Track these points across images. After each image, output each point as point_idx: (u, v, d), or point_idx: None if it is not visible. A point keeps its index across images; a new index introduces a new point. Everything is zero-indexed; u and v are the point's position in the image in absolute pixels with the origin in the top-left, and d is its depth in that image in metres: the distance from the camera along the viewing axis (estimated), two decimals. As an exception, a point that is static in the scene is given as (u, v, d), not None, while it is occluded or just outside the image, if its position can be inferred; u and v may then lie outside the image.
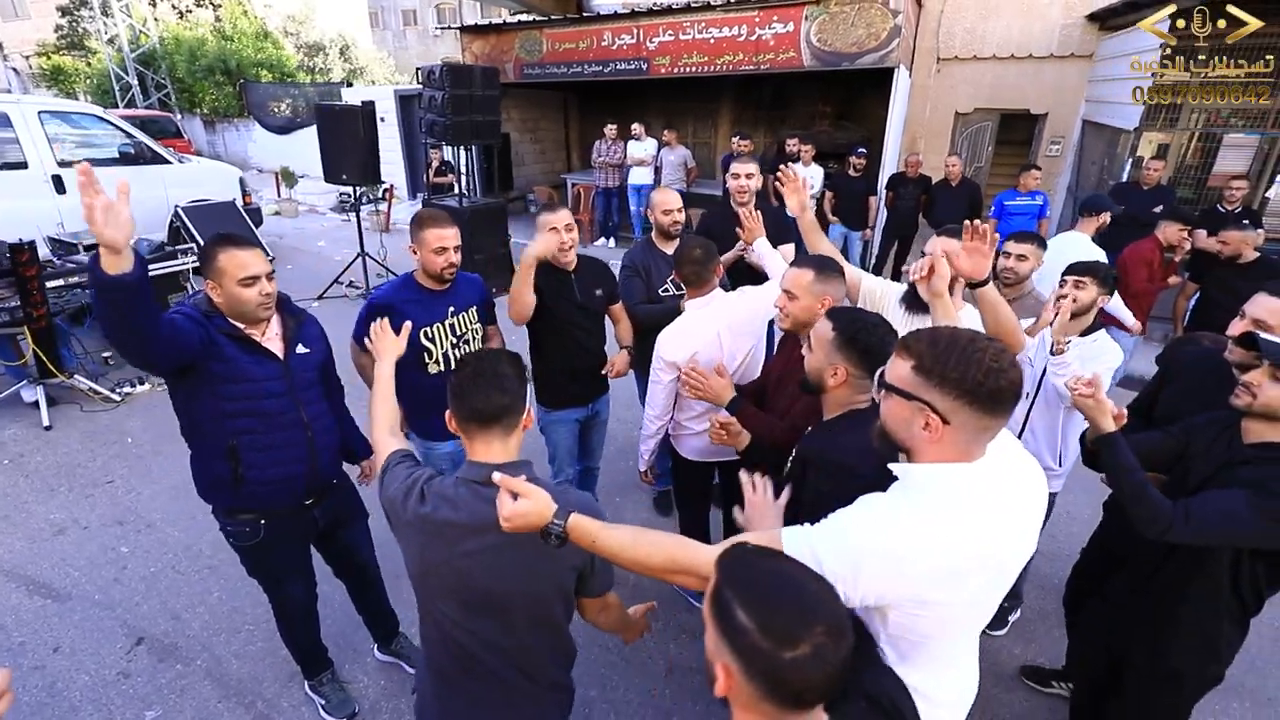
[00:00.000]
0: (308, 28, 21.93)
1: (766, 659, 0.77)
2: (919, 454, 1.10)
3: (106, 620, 2.76)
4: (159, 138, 9.35)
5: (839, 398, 1.59)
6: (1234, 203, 4.95)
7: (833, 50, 6.68)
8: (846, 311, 1.64)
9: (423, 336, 2.32)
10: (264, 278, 1.79)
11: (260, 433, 1.87)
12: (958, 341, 1.05)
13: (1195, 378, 1.97)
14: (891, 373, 1.12)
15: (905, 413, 1.09)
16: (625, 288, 2.90)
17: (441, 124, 6.24)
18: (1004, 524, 1.07)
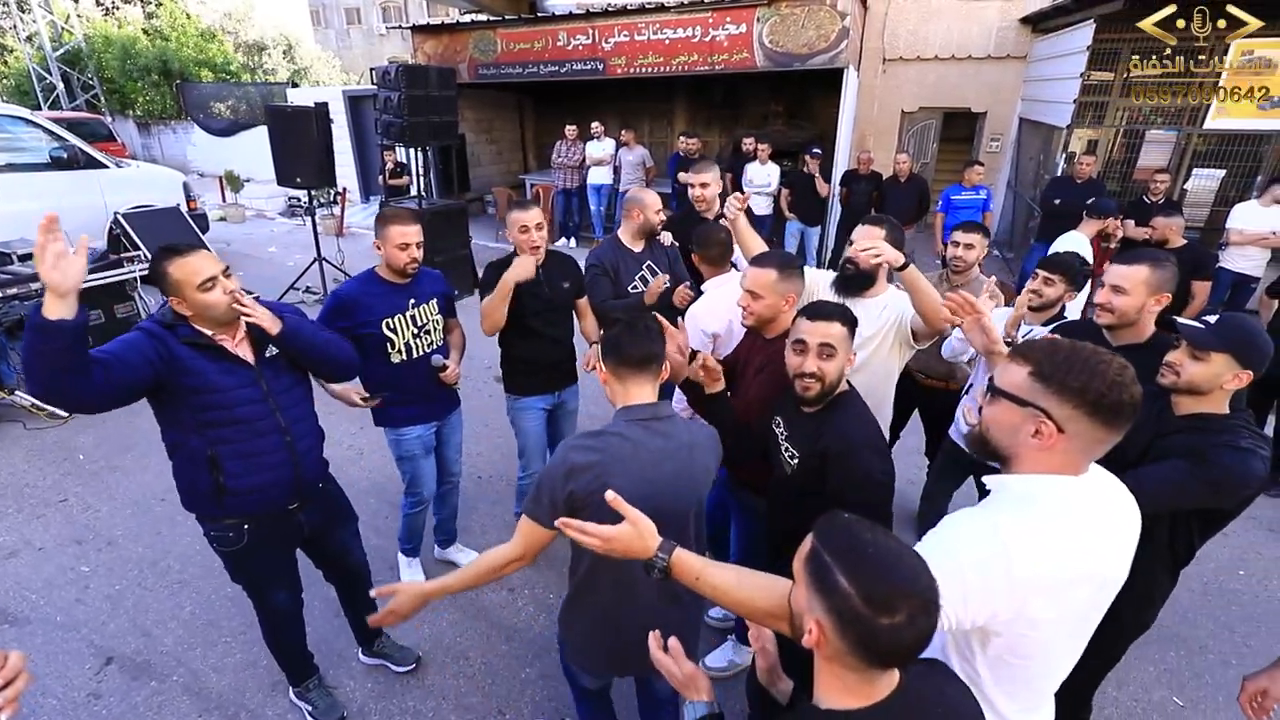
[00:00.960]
0: (246, 26, 21.13)
1: (864, 623, 0.82)
2: (1022, 462, 1.09)
3: (71, 641, 2.66)
4: (90, 141, 8.89)
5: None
6: (1158, 195, 5.31)
7: (784, 51, 6.87)
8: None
9: (385, 327, 2.43)
10: (220, 276, 1.77)
11: (239, 441, 1.85)
12: (1080, 352, 1.04)
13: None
14: (1004, 378, 1.10)
15: (1015, 419, 1.08)
16: (592, 286, 2.95)
17: (398, 125, 6.16)
18: (1109, 540, 1.08)
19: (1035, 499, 1.06)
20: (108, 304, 4.98)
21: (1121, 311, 1.95)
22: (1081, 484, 1.07)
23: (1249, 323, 1.62)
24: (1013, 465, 1.10)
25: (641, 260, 3.05)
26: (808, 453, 1.71)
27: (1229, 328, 1.58)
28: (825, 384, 1.67)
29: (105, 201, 6.91)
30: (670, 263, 3.14)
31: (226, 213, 11.01)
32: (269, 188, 10.60)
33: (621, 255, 3.02)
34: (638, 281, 3.02)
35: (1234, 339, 1.56)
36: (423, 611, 2.81)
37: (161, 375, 1.70)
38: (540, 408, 2.90)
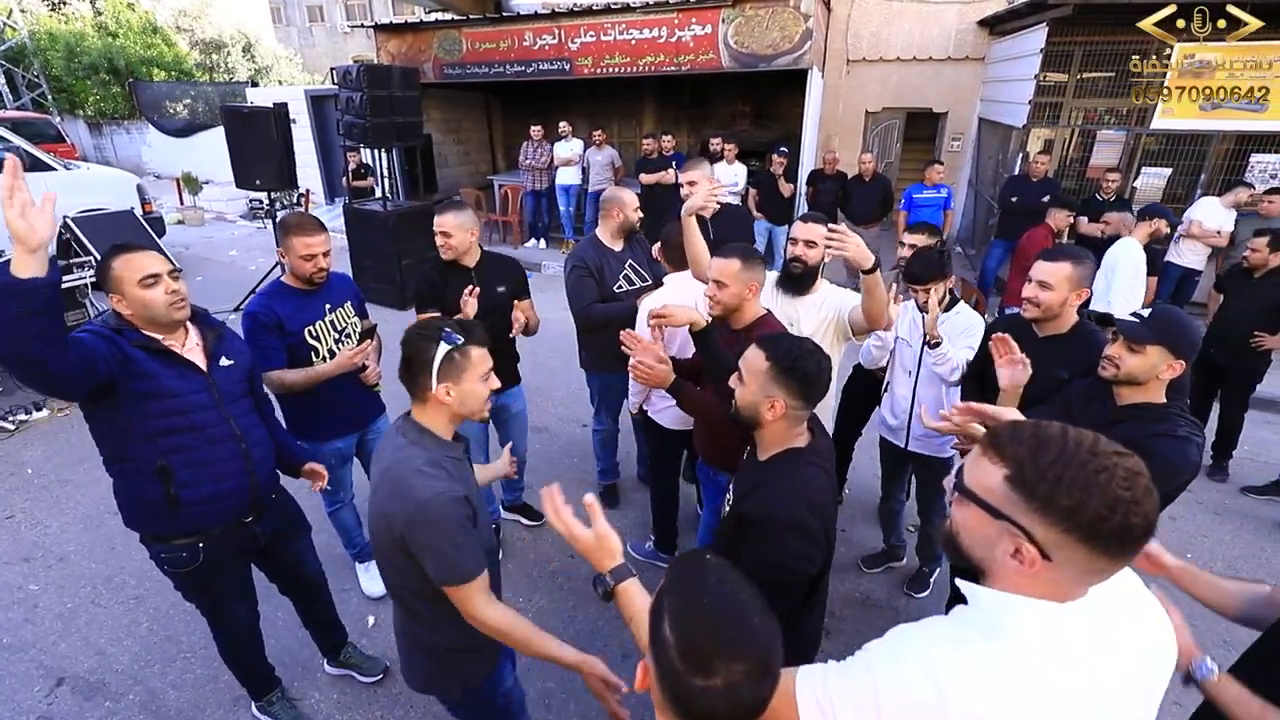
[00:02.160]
0: (203, 23, 20.52)
1: (678, 679, 0.75)
2: (997, 579, 0.87)
3: (18, 663, 2.56)
4: (37, 142, 8.58)
5: (775, 433, 1.50)
6: (1109, 193, 5.50)
7: (749, 52, 6.93)
8: (778, 339, 1.54)
9: (308, 336, 2.38)
10: (165, 275, 1.71)
11: (194, 449, 1.79)
12: (1075, 453, 0.79)
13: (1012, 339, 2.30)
14: (974, 475, 0.87)
15: (988, 530, 0.85)
16: (576, 288, 2.91)
17: (360, 126, 6.06)
18: (1109, 689, 0.83)
19: (1002, 630, 0.83)
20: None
21: (1047, 305, 2.07)
22: (1072, 615, 0.83)
23: (1179, 315, 1.72)
24: (990, 579, 0.89)
25: (624, 259, 3.03)
26: (737, 502, 1.55)
27: (1161, 321, 1.67)
28: (735, 405, 1.55)
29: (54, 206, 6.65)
30: (650, 262, 3.12)
31: (184, 216, 10.70)
32: (229, 190, 10.33)
33: (603, 255, 2.99)
34: (622, 281, 3.00)
35: (1166, 331, 1.65)
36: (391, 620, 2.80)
37: (114, 373, 1.62)
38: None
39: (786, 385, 1.43)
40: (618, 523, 3.40)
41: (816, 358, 1.46)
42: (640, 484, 3.72)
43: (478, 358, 1.45)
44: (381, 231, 6.57)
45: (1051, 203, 4.84)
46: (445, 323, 1.45)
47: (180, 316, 1.76)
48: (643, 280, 3.06)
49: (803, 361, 1.43)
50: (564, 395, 4.84)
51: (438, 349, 1.40)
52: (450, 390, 1.42)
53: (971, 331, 2.53)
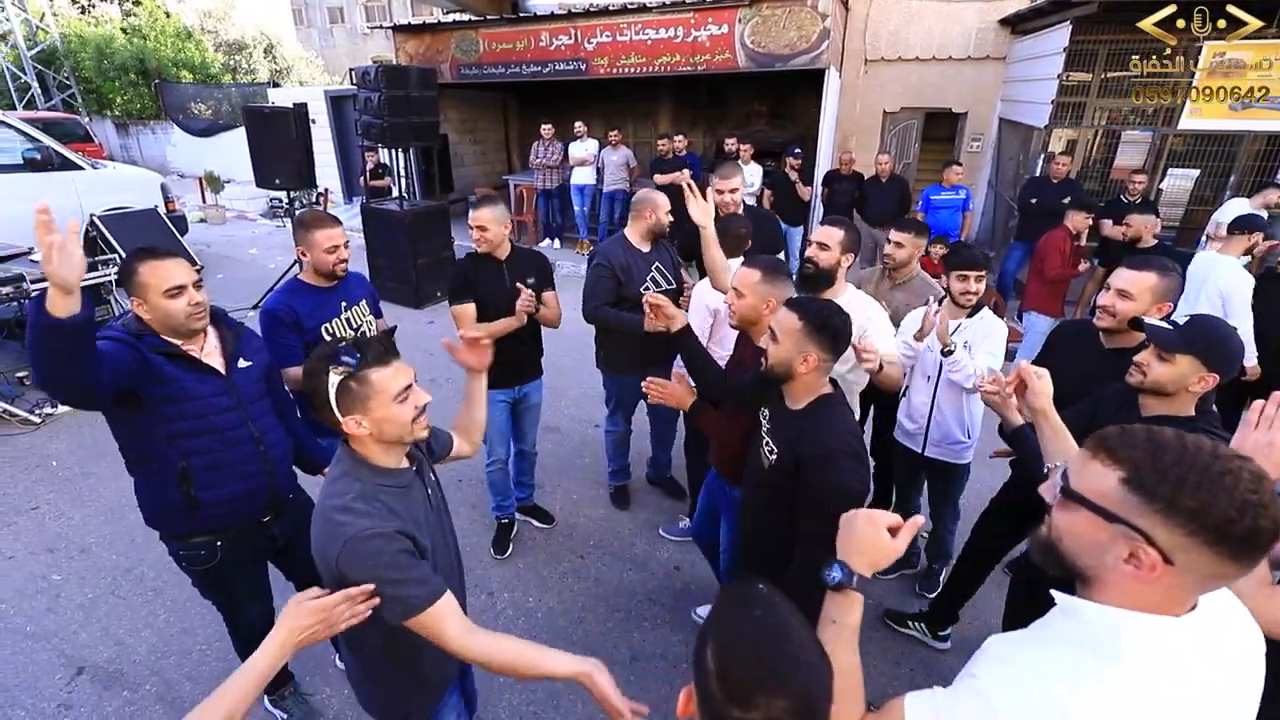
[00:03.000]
0: (226, 25, 20.86)
1: (717, 709, 0.74)
2: (1107, 589, 0.83)
3: (41, 652, 2.61)
4: (66, 142, 8.74)
5: (808, 384, 1.67)
6: (1135, 194, 5.40)
7: (766, 52, 6.90)
8: (807, 300, 1.71)
9: (324, 332, 2.41)
10: (190, 287, 1.73)
11: (214, 451, 1.81)
12: (1195, 455, 0.76)
13: (1071, 345, 2.24)
14: (1084, 480, 0.84)
15: (1100, 536, 0.81)
16: (593, 286, 2.90)
17: (378, 126, 6.12)
18: (1219, 706, 0.80)
19: (1118, 650, 0.78)
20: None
21: (1124, 315, 1.97)
22: (1186, 630, 0.80)
23: (1218, 325, 1.61)
24: (1093, 589, 0.85)
25: (650, 261, 3.00)
26: (785, 451, 1.69)
27: (1197, 330, 1.57)
28: (768, 363, 1.69)
29: (81, 203, 6.79)
30: (674, 266, 3.11)
31: (206, 214, 10.88)
32: (250, 189, 10.47)
33: (631, 255, 2.97)
34: (649, 283, 2.97)
35: (1200, 341, 1.54)
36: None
37: (136, 379, 1.66)
38: (501, 400, 2.94)
39: (819, 340, 1.59)
40: (629, 524, 3.42)
41: (842, 314, 1.64)
42: (649, 485, 3.72)
43: (381, 380, 1.26)
44: (398, 231, 6.63)
45: (1071, 204, 4.76)
46: (338, 346, 1.27)
47: (199, 326, 1.78)
48: (668, 283, 3.03)
49: (832, 319, 1.61)
50: (576, 395, 4.85)
51: (328, 379, 1.25)
52: (361, 421, 1.27)
53: (994, 338, 2.47)
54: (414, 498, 1.39)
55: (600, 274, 2.91)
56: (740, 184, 3.24)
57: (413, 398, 1.32)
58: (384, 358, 1.28)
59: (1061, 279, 4.57)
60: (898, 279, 2.94)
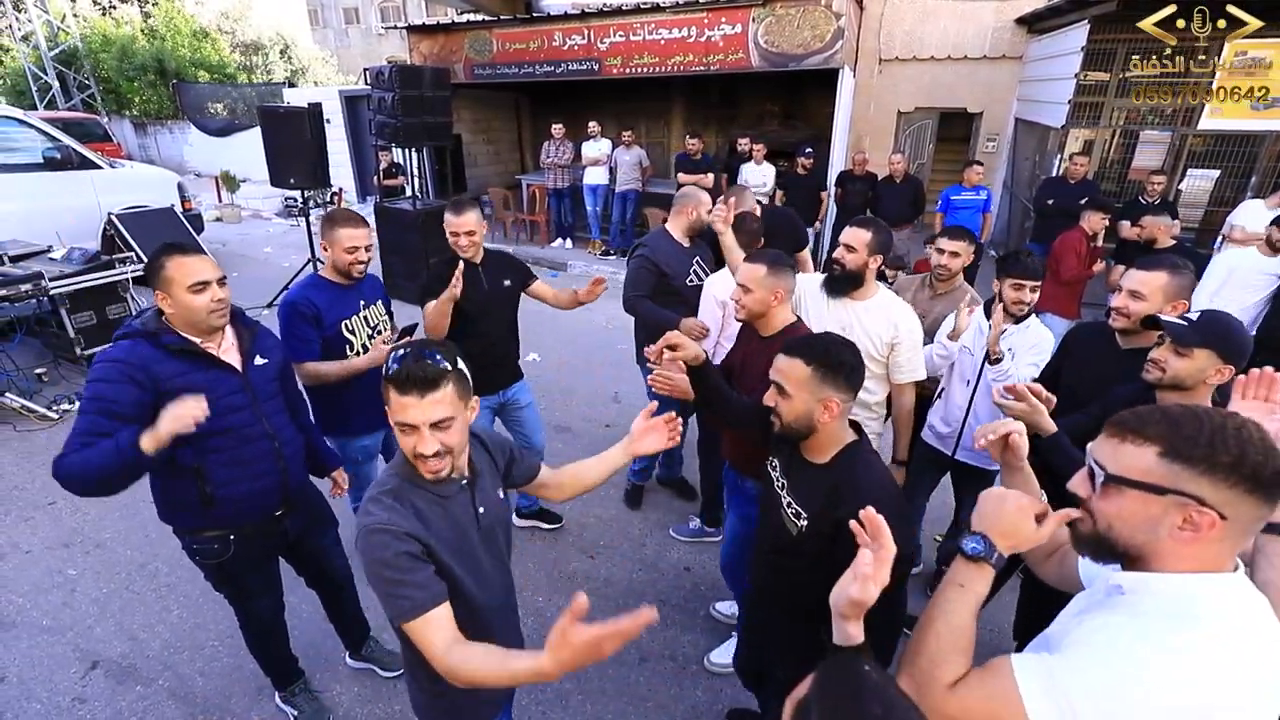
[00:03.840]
0: (243, 26, 21.09)
1: None
2: (1164, 559, 0.88)
3: (57, 646, 2.64)
4: (85, 142, 8.85)
5: (831, 433, 1.48)
6: (1153, 195, 5.31)
7: (780, 51, 6.86)
8: (803, 342, 1.52)
9: (344, 329, 2.43)
10: (215, 283, 1.75)
11: (228, 449, 1.82)
12: (1208, 418, 0.86)
13: (1088, 347, 2.22)
14: (1122, 463, 0.89)
15: (1152, 510, 0.87)
16: (634, 276, 2.97)
17: (392, 125, 6.14)
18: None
19: (1197, 613, 0.84)
20: (100, 304, 4.97)
21: (1138, 316, 1.97)
22: (1243, 585, 0.87)
23: (1228, 318, 1.65)
24: (1150, 563, 0.90)
25: (691, 256, 3.08)
26: (819, 517, 1.47)
27: (1210, 324, 1.62)
28: (782, 421, 1.51)
29: (99, 202, 6.88)
30: (716, 260, 3.10)
31: (222, 213, 11.00)
32: (265, 188, 10.58)
33: (672, 249, 3.05)
34: (692, 276, 3.05)
35: (1215, 334, 1.60)
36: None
37: (153, 407, 1.65)
38: (485, 407, 2.92)
39: (834, 383, 1.42)
40: (639, 525, 3.41)
41: (848, 345, 1.48)
42: (660, 485, 3.70)
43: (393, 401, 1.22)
44: (410, 230, 6.66)
45: (1087, 205, 4.69)
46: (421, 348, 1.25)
47: (220, 323, 1.80)
48: (705, 279, 3.09)
49: (841, 354, 1.44)
50: (587, 394, 4.85)
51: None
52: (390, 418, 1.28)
53: (1040, 348, 2.42)
54: (451, 511, 1.34)
55: (642, 264, 2.98)
56: (747, 202, 3.32)
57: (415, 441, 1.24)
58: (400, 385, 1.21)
59: (1078, 280, 4.51)
60: (942, 289, 2.84)
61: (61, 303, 4.76)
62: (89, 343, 4.86)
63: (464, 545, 1.35)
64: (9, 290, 4.39)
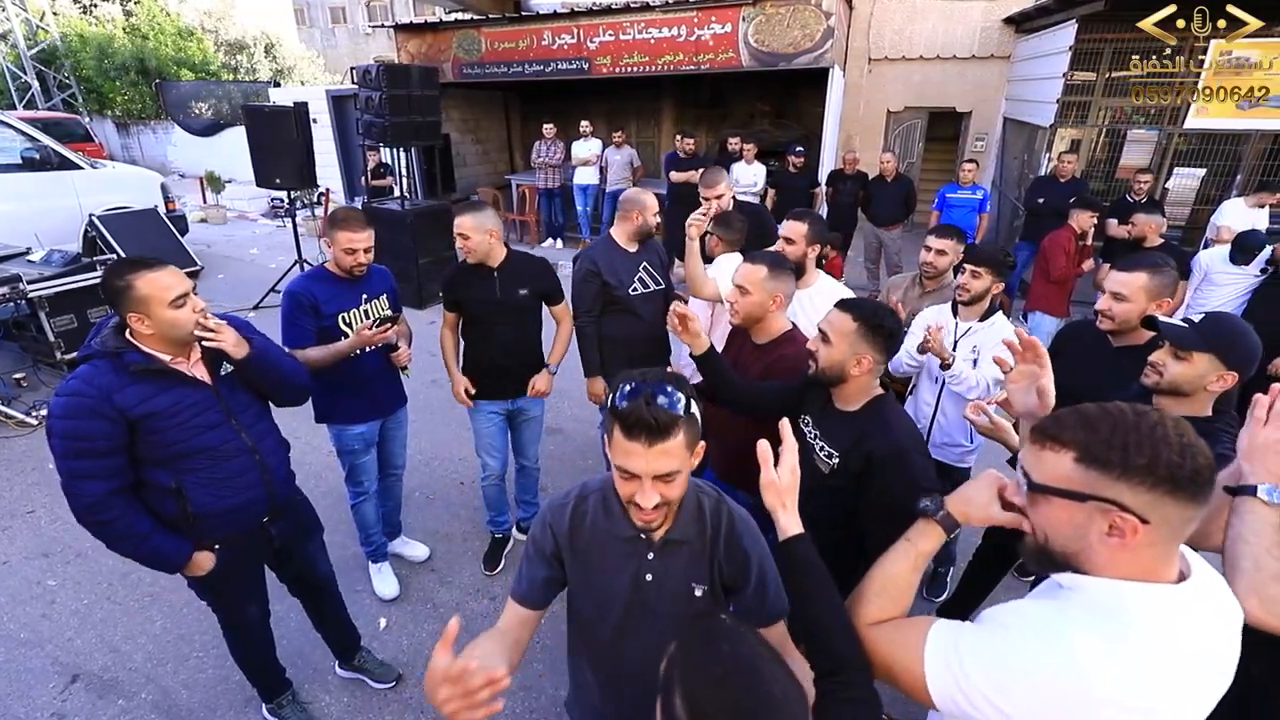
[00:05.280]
0: (227, 25, 20.83)
1: None
2: (1097, 567, 0.86)
3: (35, 659, 2.57)
4: (66, 141, 8.72)
5: (861, 385, 1.63)
6: (1140, 194, 5.35)
7: (770, 51, 6.85)
8: (859, 301, 1.67)
9: (341, 322, 2.43)
10: (191, 294, 1.66)
11: (206, 469, 1.75)
12: (1123, 420, 0.83)
13: (1078, 346, 2.21)
14: (1042, 471, 0.88)
15: (1076, 518, 0.85)
16: (580, 290, 2.85)
17: (379, 125, 6.07)
18: (1215, 667, 0.83)
19: (1126, 618, 0.81)
20: (81, 307, 4.86)
21: (1123, 317, 1.97)
22: (1182, 596, 0.83)
23: (1235, 321, 1.58)
24: (1087, 570, 0.88)
25: (638, 261, 2.93)
26: (849, 453, 1.62)
27: (1214, 326, 1.54)
28: (818, 365, 1.64)
29: (80, 203, 6.76)
30: (664, 267, 3.05)
31: (207, 214, 10.85)
32: (251, 189, 10.44)
33: (615, 256, 2.89)
34: (637, 284, 2.92)
35: (1218, 338, 1.51)
36: (405, 623, 2.78)
37: (128, 435, 1.62)
38: (492, 412, 2.85)
39: (873, 341, 1.57)
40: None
41: (893, 315, 1.61)
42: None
43: (617, 442, 1.08)
44: (399, 230, 6.58)
45: (1075, 203, 4.71)
46: (652, 380, 1.08)
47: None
48: (657, 284, 2.98)
49: (886, 319, 1.58)
50: (579, 396, 4.77)
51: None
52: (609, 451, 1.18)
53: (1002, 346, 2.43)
54: (614, 552, 1.28)
55: (587, 278, 2.83)
56: (726, 189, 3.29)
57: (635, 492, 1.11)
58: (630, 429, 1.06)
59: (1066, 279, 4.52)
60: (930, 287, 2.86)
61: (41, 306, 4.66)
62: (69, 346, 4.75)
63: (603, 591, 1.28)
64: (-13, 293, 4.29)
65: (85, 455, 1.58)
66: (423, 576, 3.01)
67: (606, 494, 1.26)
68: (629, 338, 2.94)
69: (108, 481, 1.63)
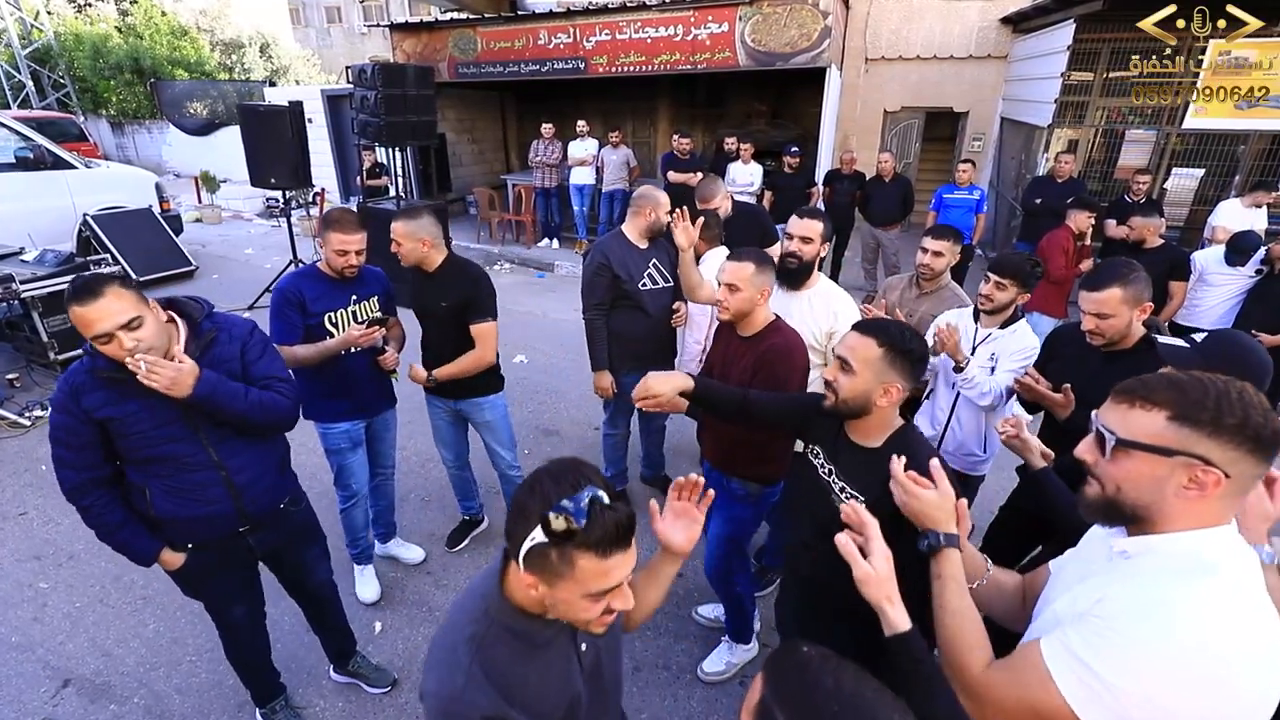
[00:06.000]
0: (223, 24, 20.75)
1: None
2: (1169, 519, 0.93)
3: (26, 663, 2.54)
4: (60, 141, 8.67)
5: (884, 417, 1.47)
6: (1139, 194, 5.34)
7: (767, 50, 6.84)
8: (881, 324, 1.48)
9: (327, 321, 2.43)
10: (119, 332, 1.52)
11: (167, 476, 1.74)
12: (1214, 385, 0.90)
13: (1070, 350, 2.21)
14: (1133, 428, 0.93)
15: (1159, 472, 0.91)
16: (590, 283, 2.94)
17: (375, 124, 6.04)
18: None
19: (1209, 563, 0.88)
20: (73, 309, 4.83)
21: (1112, 333, 1.95)
22: (1236, 533, 0.93)
23: (1239, 339, 1.52)
24: (1155, 524, 0.94)
25: (648, 258, 3.01)
26: (881, 499, 1.40)
27: (1216, 345, 1.49)
28: (838, 397, 1.47)
29: (74, 203, 6.73)
30: (673, 265, 3.05)
31: (202, 214, 10.80)
32: (246, 188, 10.41)
33: (627, 251, 2.97)
34: (646, 280, 2.99)
35: (1221, 358, 1.42)
36: (400, 626, 2.75)
37: (100, 434, 1.67)
38: (438, 406, 2.88)
39: (901, 368, 1.41)
40: (629, 529, 3.35)
41: (919, 337, 1.47)
42: (645, 486, 3.66)
43: (588, 570, 0.92)
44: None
45: (1073, 204, 4.70)
46: (571, 490, 0.93)
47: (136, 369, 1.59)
48: (665, 281, 3.03)
49: (913, 342, 1.42)
50: (576, 397, 4.79)
51: (533, 531, 0.93)
52: (538, 587, 0.96)
53: (1026, 354, 2.35)
54: (547, 660, 1.07)
55: (598, 271, 2.92)
56: (722, 199, 3.36)
57: (611, 599, 0.98)
58: (609, 546, 0.92)
59: (1065, 279, 4.51)
60: (927, 288, 2.83)
61: (34, 306, 4.63)
62: (63, 347, 4.73)
63: (557, 693, 1.08)
64: (-21, 294, 4.26)
65: (61, 445, 1.68)
66: (418, 579, 2.99)
67: (480, 634, 1.03)
68: (636, 334, 3.02)
69: (81, 472, 1.70)
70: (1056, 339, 2.34)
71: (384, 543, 3.07)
